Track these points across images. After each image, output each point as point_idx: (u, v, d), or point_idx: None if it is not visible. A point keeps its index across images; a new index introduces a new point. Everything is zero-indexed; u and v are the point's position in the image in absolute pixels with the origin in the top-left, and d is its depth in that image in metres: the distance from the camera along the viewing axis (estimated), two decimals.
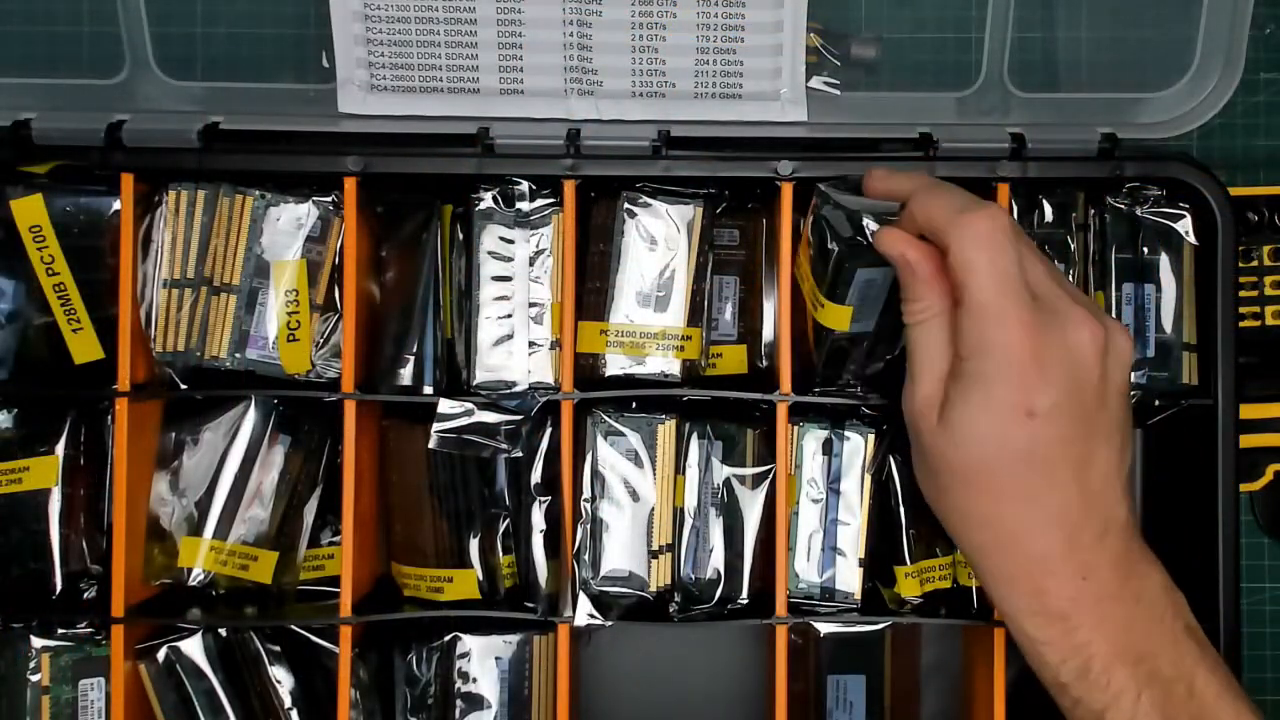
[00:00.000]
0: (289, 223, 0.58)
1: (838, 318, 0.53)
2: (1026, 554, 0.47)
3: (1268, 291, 0.63)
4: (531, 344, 0.58)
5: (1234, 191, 0.58)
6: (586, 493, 0.57)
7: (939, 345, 0.48)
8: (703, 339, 0.59)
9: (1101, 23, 0.62)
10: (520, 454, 0.58)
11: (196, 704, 0.58)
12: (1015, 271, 0.46)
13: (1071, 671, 0.47)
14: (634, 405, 0.58)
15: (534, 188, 0.58)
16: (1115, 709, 0.46)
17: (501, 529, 0.59)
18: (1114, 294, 0.58)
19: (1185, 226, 0.58)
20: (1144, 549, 0.48)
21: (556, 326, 0.58)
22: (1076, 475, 0.47)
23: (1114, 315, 0.58)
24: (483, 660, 0.59)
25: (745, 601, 0.58)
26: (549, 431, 0.58)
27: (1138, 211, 0.58)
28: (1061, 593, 0.47)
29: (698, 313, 0.58)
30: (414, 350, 0.59)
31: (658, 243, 0.57)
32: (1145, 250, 0.58)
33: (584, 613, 0.57)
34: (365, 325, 0.59)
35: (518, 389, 0.57)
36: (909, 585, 0.59)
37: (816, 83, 0.60)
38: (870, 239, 0.49)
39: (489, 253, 0.58)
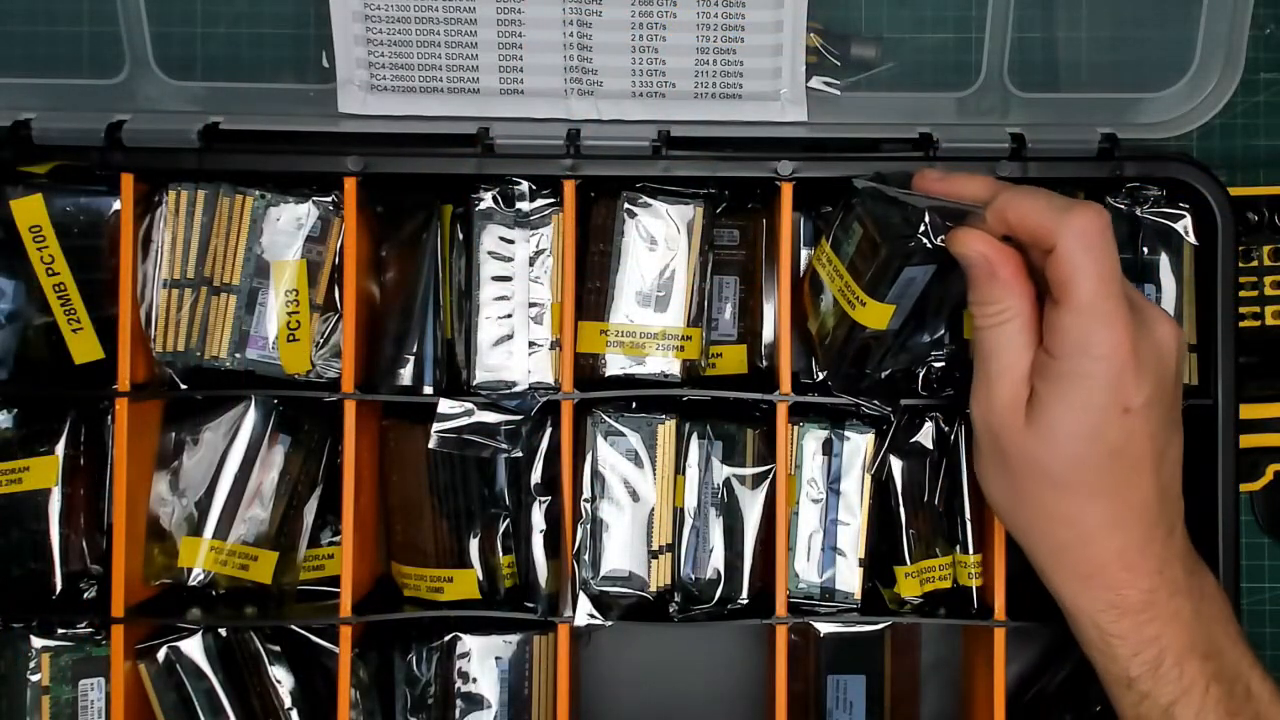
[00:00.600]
0: (289, 223, 0.58)
1: (879, 316, 0.52)
2: (1107, 549, 0.48)
3: (1268, 291, 0.63)
4: (531, 344, 0.58)
5: (1234, 191, 0.58)
6: (586, 493, 0.57)
7: (1020, 347, 0.48)
8: (703, 339, 0.59)
9: (1101, 23, 0.62)
10: (520, 454, 0.58)
11: (196, 704, 0.58)
12: (1118, 270, 0.47)
13: (1143, 665, 0.48)
14: (634, 405, 0.58)
15: (534, 188, 0.58)
16: (1185, 701, 0.47)
17: (501, 529, 0.59)
18: None
19: (1185, 226, 0.58)
20: (1198, 555, 0.50)
21: (556, 326, 0.58)
22: (1156, 470, 0.48)
23: None
24: (483, 660, 0.59)
25: (745, 601, 0.58)
26: (549, 431, 0.58)
27: (1138, 211, 0.58)
28: (1139, 585, 0.48)
29: (698, 313, 0.58)
30: (414, 350, 0.59)
31: (658, 243, 0.57)
32: (1145, 250, 0.58)
33: (584, 613, 0.57)
34: (365, 325, 0.59)
35: (518, 389, 0.57)
36: (909, 585, 0.59)
37: (816, 83, 0.60)
38: (931, 238, 0.49)
39: (489, 253, 0.58)
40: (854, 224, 0.53)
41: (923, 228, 0.49)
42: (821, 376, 0.58)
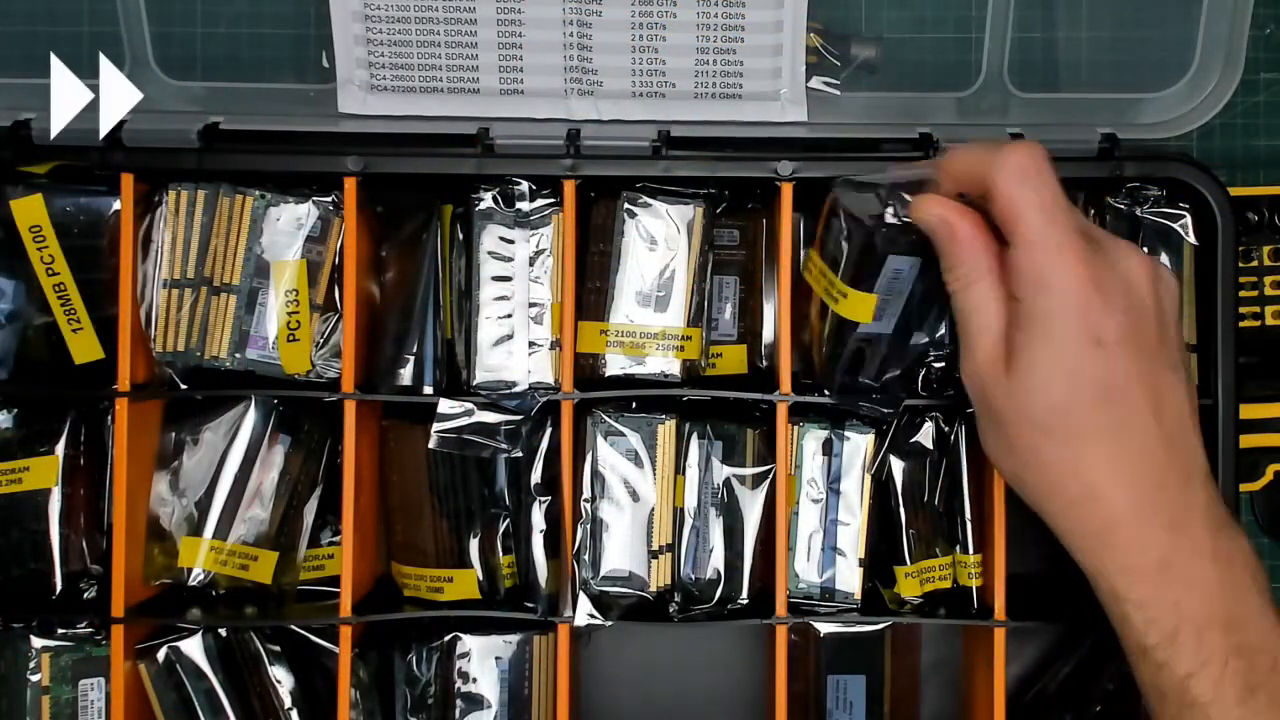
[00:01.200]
0: (289, 223, 0.58)
1: (862, 307, 0.52)
2: (1114, 504, 0.46)
3: (1268, 291, 0.63)
4: (531, 344, 0.58)
5: (1234, 191, 0.58)
6: (586, 493, 0.57)
7: (992, 304, 0.47)
8: (703, 339, 0.59)
9: (1101, 23, 0.62)
10: (520, 454, 0.58)
11: (196, 704, 0.58)
12: (1062, 201, 0.46)
13: (1159, 633, 0.46)
14: (634, 405, 0.58)
15: (534, 188, 0.58)
16: (1203, 674, 0.45)
17: (501, 529, 0.59)
18: None
19: (1185, 226, 0.58)
20: (1229, 513, 0.48)
21: (556, 326, 0.58)
22: (1153, 411, 0.46)
23: None
24: (483, 660, 0.59)
25: (745, 601, 0.58)
26: (549, 431, 0.58)
27: (1138, 211, 0.58)
28: (1153, 544, 0.46)
29: (698, 313, 0.58)
30: (414, 350, 0.59)
31: (658, 243, 0.57)
32: (1145, 250, 0.58)
33: (584, 613, 0.57)
34: (365, 325, 0.59)
35: (518, 389, 0.57)
36: (909, 585, 0.59)
37: (816, 83, 0.60)
38: (899, 214, 0.49)
39: (489, 253, 0.58)
40: (833, 220, 0.53)
41: (890, 205, 0.49)
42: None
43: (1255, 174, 0.65)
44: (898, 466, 0.59)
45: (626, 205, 0.57)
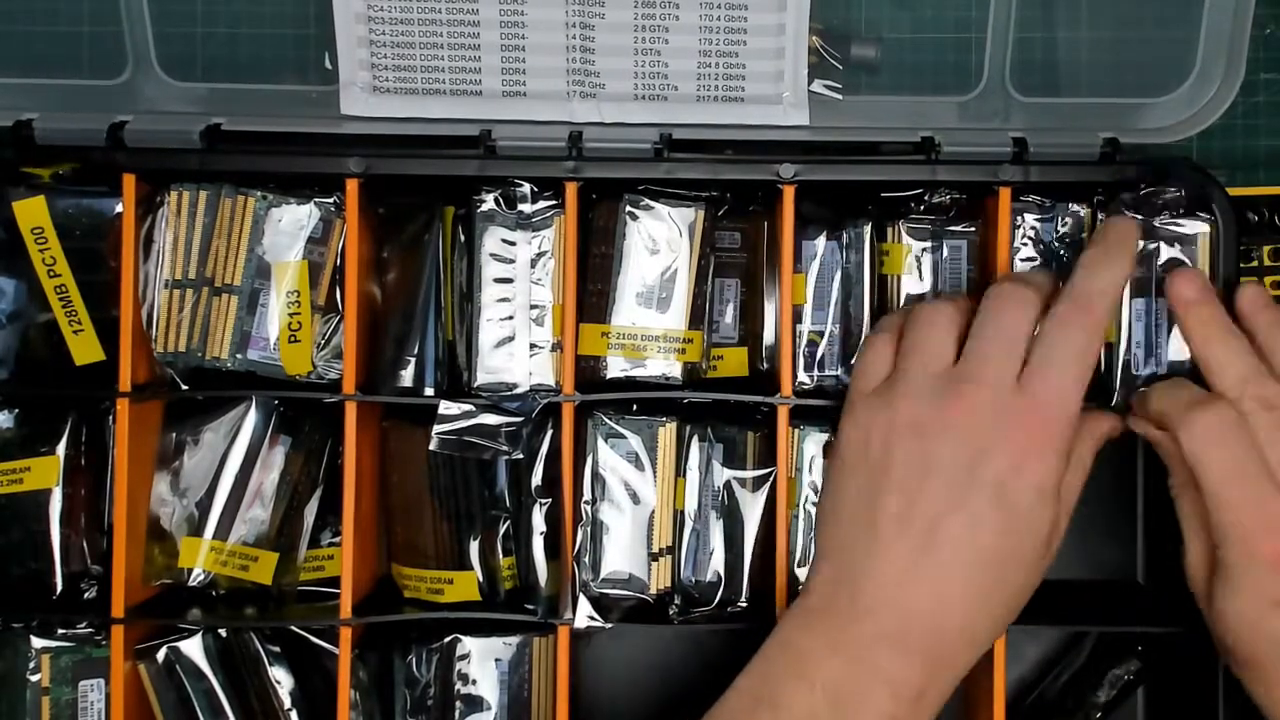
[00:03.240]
0: (291, 224, 0.58)
1: None
2: None
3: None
4: (533, 346, 0.58)
5: (1234, 192, 0.57)
6: (587, 495, 0.57)
7: (1190, 518, 0.50)
8: (704, 341, 0.59)
9: (1103, 26, 0.62)
10: (521, 456, 0.58)
11: (196, 704, 0.58)
12: (1244, 463, 0.47)
13: None
14: (635, 408, 0.58)
15: (536, 190, 0.58)
16: None
17: (502, 531, 0.59)
18: (1124, 307, 0.56)
19: (1202, 234, 0.57)
20: None
21: (558, 328, 0.58)
22: None
23: (1123, 322, 0.57)
24: (482, 662, 0.59)
25: (745, 604, 0.58)
26: (550, 434, 0.58)
27: (1155, 222, 0.56)
28: None
29: (699, 315, 0.58)
30: (415, 352, 0.59)
31: (659, 245, 0.57)
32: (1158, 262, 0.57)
33: (584, 615, 0.57)
34: (366, 327, 0.59)
35: (519, 391, 0.57)
36: None
37: (818, 86, 0.60)
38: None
39: (491, 254, 0.58)
40: None
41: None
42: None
43: (1255, 174, 0.65)
44: None
45: (628, 207, 0.57)
